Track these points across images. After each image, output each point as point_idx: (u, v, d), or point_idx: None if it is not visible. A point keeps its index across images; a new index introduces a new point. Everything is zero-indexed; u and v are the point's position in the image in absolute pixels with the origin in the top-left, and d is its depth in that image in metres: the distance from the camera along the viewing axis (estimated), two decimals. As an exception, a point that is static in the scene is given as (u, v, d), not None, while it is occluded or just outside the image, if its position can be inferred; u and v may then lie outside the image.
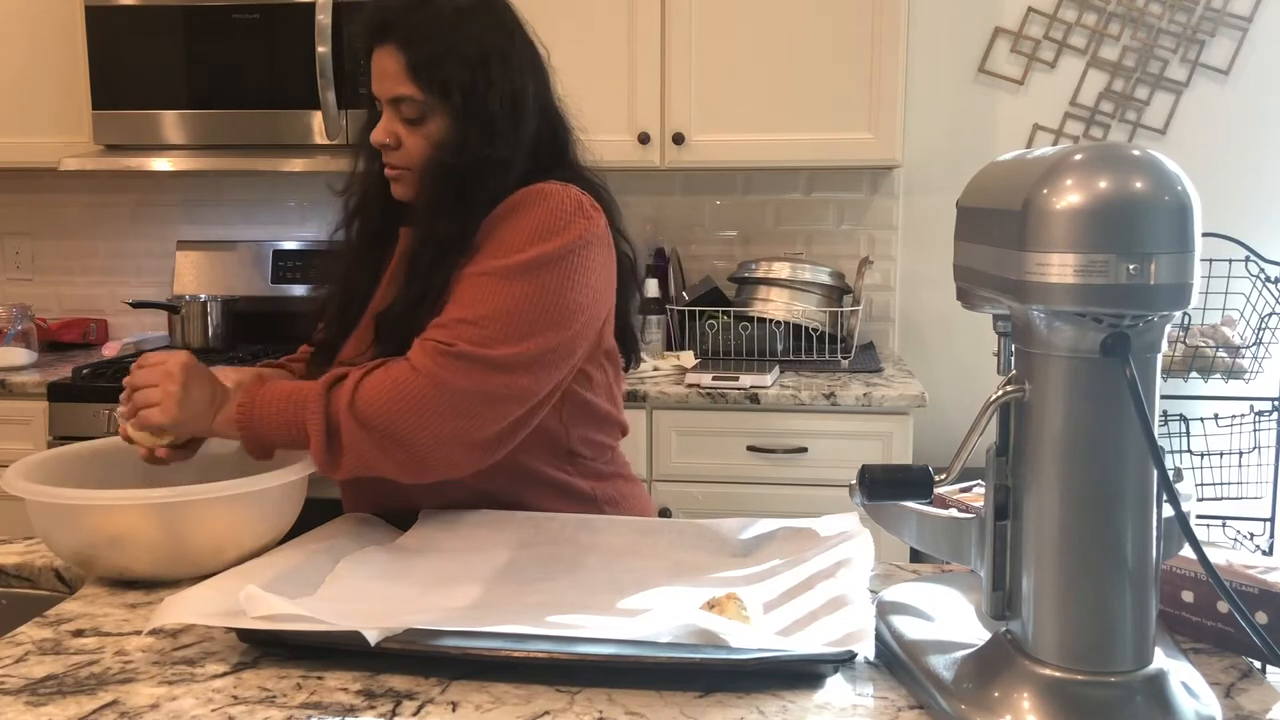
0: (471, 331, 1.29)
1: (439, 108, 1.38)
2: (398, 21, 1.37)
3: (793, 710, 0.93)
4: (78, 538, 1.21)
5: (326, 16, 2.67)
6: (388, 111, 1.40)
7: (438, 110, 1.38)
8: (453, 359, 1.28)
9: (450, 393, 1.27)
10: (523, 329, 1.30)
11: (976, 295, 0.97)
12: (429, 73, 1.36)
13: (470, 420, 1.28)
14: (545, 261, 1.33)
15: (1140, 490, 0.87)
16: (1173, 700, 0.87)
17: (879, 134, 2.72)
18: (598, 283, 1.39)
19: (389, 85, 1.39)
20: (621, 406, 1.56)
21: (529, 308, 1.31)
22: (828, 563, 1.19)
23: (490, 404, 1.29)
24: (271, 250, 3.16)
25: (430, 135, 1.39)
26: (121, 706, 0.94)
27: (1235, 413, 2.81)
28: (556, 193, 1.38)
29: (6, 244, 3.38)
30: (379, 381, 1.28)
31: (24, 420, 2.70)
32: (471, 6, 1.41)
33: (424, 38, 1.37)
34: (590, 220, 1.38)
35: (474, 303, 1.31)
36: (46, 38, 2.92)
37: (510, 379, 1.30)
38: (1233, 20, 2.92)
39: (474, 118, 1.38)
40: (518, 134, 1.41)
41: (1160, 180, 0.82)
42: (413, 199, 1.44)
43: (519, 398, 1.32)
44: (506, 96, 1.39)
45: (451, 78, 1.37)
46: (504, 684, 0.98)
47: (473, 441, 1.30)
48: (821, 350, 2.81)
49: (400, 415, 1.26)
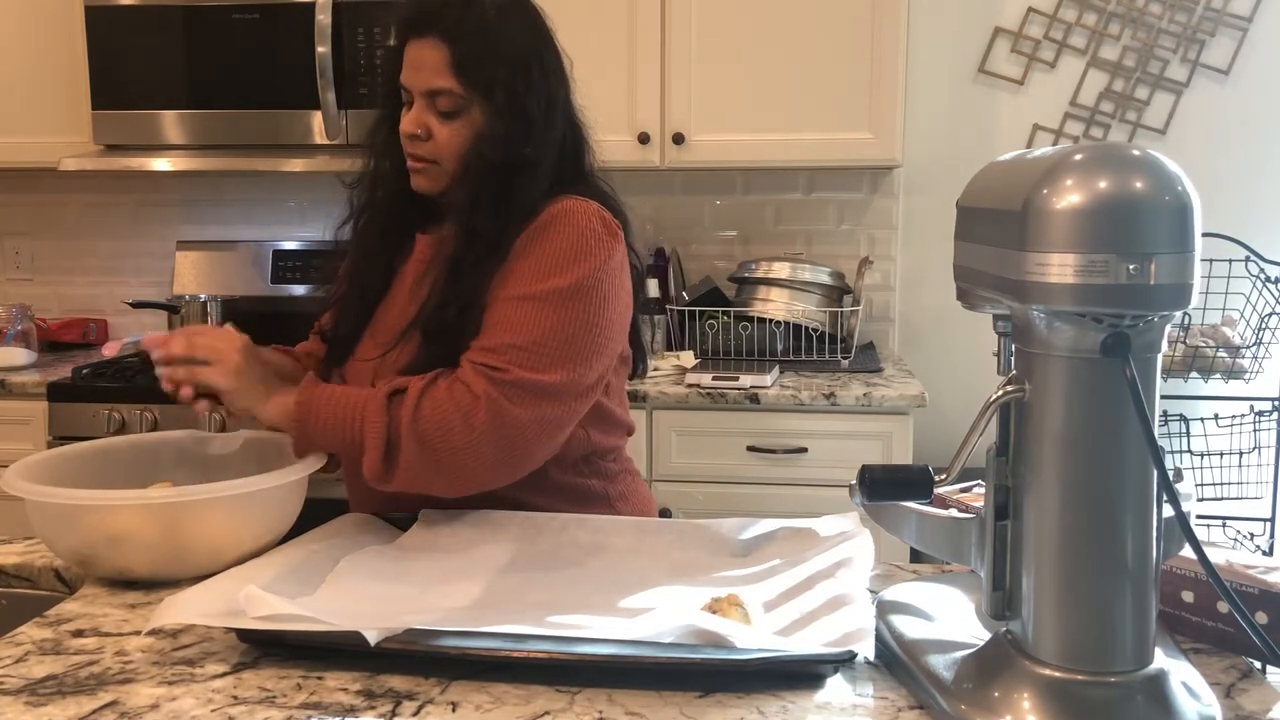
0: (524, 357, 1.32)
1: (477, 104, 1.39)
2: (441, 15, 1.38)
3: (793, 710, 0.93)
4: (78, 538, 1.21)
5: (326, 16, 2.67)
6: (420, 102, 1.40)
7: (475, 106, 1.39)
8: (510, 387, 1.31)
9: (510, 422, 1.31)
10: (571, 353, 1.35)
11: (976, 295, 0.97)
12: (473, 69, 1.38)
13: (525, 446, 1.33)
14: (583, 286, 1.36)
15: (1140, 490, 0.87)
16: (1173, 700, 0.87)
17: (879, 134, 2.72)
18: (625, 299, 1.44)
19: (427, 77, 1.39)
20: (628, 407, 1.59)
21: (574, 332, 1.35)
22: (828, 563, 1.19)
23: (544, 430, 1.34)
24: (271, 250, 3.16)
25: (463, 130, 1.40)
26: (121, 706, 0.94)
27: (1235, 413, 2.81)
28: (583, 211, 1.40)
29: (6, 244, 3.38)
30: (441, 403, 1.30)
31: (24, 420, 2.70)
32: (512, 8, 1.43)
33: (469, 33, 1.38)
34: (615, 239, 1.42)
35: (521, 328, 1.34)
36: (46, 38, 2.92)
37: (561, 405, 1.34)
38: (1233, 20, 2.92)
39: (513, 117, 1.39)
40: (548, 137, 1.43)
41: (1160, 180, 0.82)
42: (436, 193, 1.45)
43: (568, 422, 1.37)
44: (542, 99, 1.42)
45: (495, 76, 1.38)
46: (504, 684, 0.98)
47: (522, 466, 1.35)
48: (821, 350, 2.81)
49: (462, 441, 1.30)
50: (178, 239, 3.25)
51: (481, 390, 1.30)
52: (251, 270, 3.15)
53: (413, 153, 1.43)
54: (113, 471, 1.38)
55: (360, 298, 1.51)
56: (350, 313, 1.52)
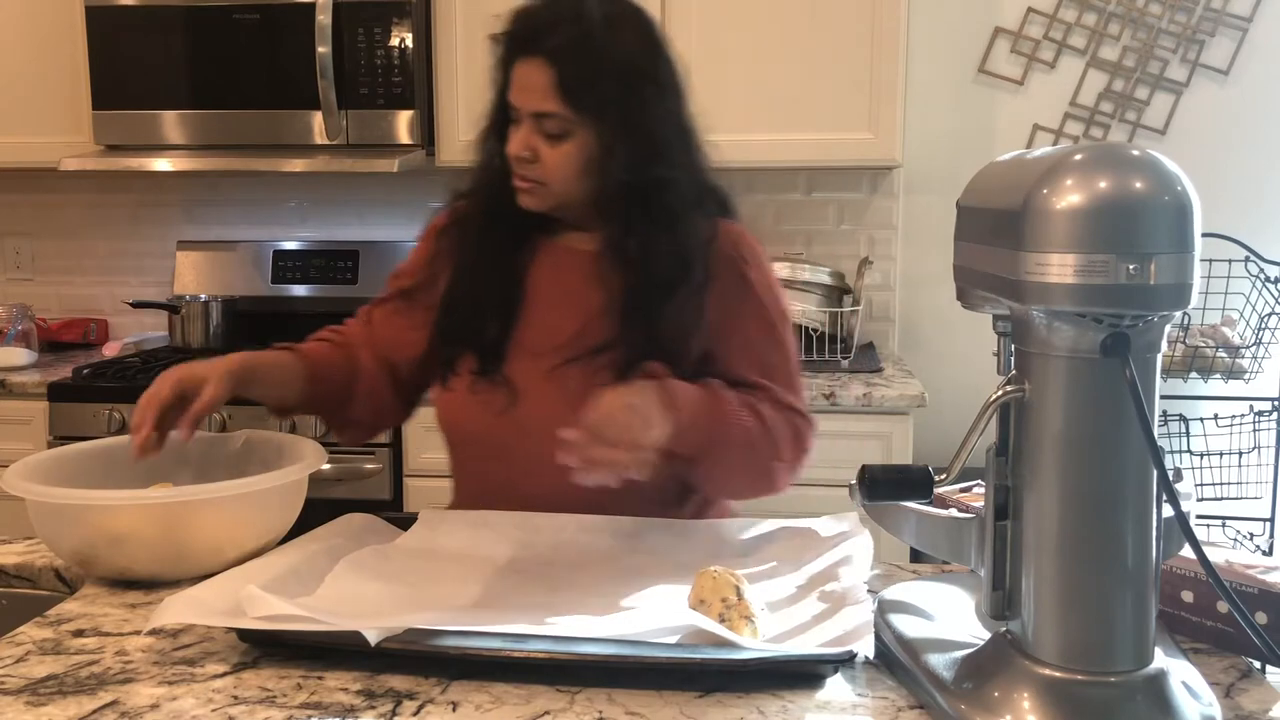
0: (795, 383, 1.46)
1: (587, 125, 1.35)
2: (548, 34, 1.34)
3: (793, 710, 0.93)
4: (78, 538, 1.21)
5: (326, 16, 2.67)
6: (528, 124, 1.36)
7: (585, 128, 1.36)
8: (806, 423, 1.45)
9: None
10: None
11: (976, 295, 0.97)
12: (580, 92, 1.33)
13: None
14: (790, 319, 1.50)
15: (1140, 490, 0.87)
16: (1173, 700, 0.87)
17: (879, 134, 2.72)
18: None
19: (535, 100, 1.35)
20: None
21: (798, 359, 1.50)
22: (827, 563, 1.19)
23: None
24: (271, 250, 3.16)
25: (571, 153, 1.36)
26: (121, 706, 0.94)
27: (1235, 413, 2.81)
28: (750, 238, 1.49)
29: (6, 244, 3.38)
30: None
31: (24, 420, 2.70)
32: (623, 20, 1.38)
33: (576, 55, 1.33)
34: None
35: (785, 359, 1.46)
36: (46, 38, 2.91)
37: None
38: (1233, 20, 2.92)
39: (632, 136, 1.36)
40: (683, 153, 1.41)
41: (1160, 180, 0.82)
42: (544, 210, 1.42)
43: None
44: (664, 115, 1.39)
45: (606, 96, 1.34)
46: (504, 684, 0.98)
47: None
48: (821, 350, 2.81)
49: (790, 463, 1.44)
50: (178, 239, 3.25)
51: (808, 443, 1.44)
52: (251, 270, 3.15)
53: (520, 174, 1.39)
54: (113, 471, 1.38)
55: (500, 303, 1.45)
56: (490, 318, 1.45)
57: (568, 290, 1.45)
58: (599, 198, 1.40)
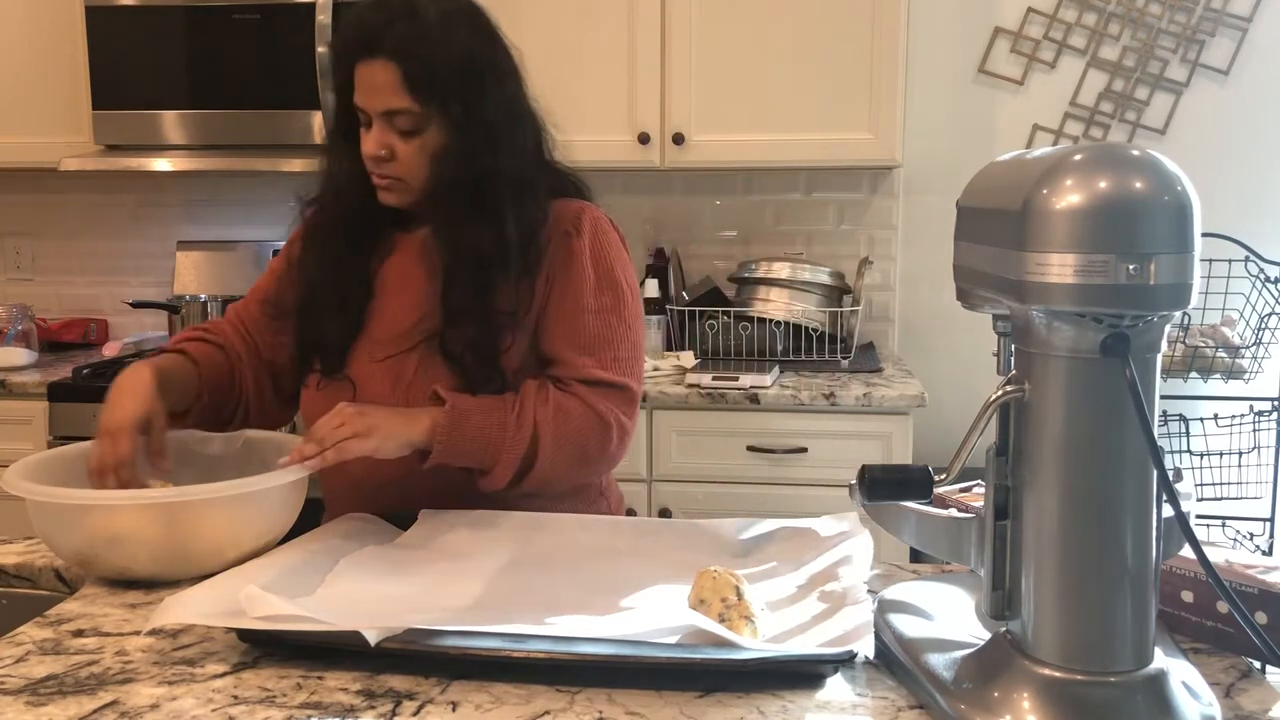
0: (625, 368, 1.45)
1: (435, 118, 1.39)
2: (386, 33, 1.36)
3: (793, 710, 0.93)
4: (78, 538, 1.21)
5: (326, 16, 2.67)
6: (379, 124, 1.39)
7: (434, 121, 1.39)
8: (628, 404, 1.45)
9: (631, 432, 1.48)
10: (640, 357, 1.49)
11: (976, 295, 0.97)
12: (426, 85, 1.37)
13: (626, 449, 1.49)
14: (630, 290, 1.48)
15: (1140, 490, 0.87)
16: (1173, 700, 0.87)
17: (879, 134, 2.72)
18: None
19: (383, 98, 1.37)
20: None
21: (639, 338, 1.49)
22: (827, 563, 1.19)
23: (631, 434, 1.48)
24: (271, 250, 3.16)
25: (426, 146, 1.40)
26: (121, 706, 0.94)
27: (1235, 413, 2.81)
28: (593, 214, 1.48)
29: (6, 244, 3.38)
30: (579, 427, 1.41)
31: (24, 420, 2.70)
32: (457, 13, 1.41)
33: (417, 50, 1.36)
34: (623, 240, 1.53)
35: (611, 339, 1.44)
36: (46, 38, 2.91)
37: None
38: (1233, 20, 2.92)
39: (472, 127, 1.39)
40: (517, 141, 1.43)
41: (1160, 180, 0.82)
42: (404, 206, 1.45)
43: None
44: (501, 104, 1.41)
45: (449, 88, 1.37)
46: (504, 684, 0.98)
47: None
48: (821, 350, 2.81)
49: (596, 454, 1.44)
50: (178, 239, 3.25)
51: (613, 419, 1.42)
52: (251, 270, 3.15)
53: (378, 172, 1.42)
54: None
55: (341, 305, 1.48)
56: (334, 320, 1.48)
57: (412, 281, 1.47)
58: (434, 186, 1.42)
